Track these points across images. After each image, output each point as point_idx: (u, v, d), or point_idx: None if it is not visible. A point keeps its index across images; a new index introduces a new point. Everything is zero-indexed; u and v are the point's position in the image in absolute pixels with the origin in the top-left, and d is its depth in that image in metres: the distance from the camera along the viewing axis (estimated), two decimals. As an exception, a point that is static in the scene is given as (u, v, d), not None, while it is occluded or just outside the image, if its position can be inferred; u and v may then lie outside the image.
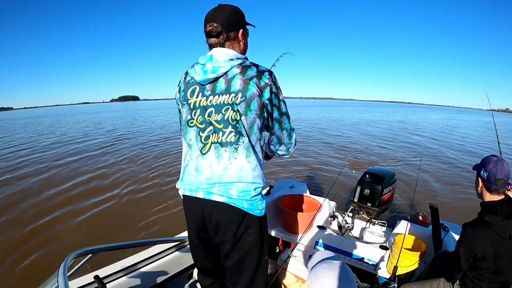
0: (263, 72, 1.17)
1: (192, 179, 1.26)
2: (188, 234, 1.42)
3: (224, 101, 1.16)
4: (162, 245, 2.03)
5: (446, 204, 5.22)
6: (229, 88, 1.15)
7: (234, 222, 1.22)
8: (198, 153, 1.24)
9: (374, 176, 2.72)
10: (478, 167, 1.53)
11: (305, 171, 7.20)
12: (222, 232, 1.24)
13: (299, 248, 2.13)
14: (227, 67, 1.15)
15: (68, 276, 1.11)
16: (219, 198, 1.20)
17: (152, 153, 9.53)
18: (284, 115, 1.25)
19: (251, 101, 1.14)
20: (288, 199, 2.64)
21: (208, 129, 1.21)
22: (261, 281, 1.37)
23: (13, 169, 8.06)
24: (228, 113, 1.16)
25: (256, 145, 1.23)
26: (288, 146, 1.32)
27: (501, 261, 1.43)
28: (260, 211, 1.27)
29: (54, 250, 3.77)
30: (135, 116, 31.84)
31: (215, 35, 1.18)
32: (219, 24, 1.17)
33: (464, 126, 23.91)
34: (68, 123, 24.87)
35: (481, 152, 10.59)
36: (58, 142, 12.65)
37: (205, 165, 1.23)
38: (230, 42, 1.21)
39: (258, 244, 1.30)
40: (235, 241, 1.25)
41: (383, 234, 2.56)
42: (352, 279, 1.02)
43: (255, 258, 1.31)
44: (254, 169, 1.22)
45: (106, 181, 6.62)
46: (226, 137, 1.18)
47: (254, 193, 1.23)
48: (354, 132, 15.78)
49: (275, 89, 1.19)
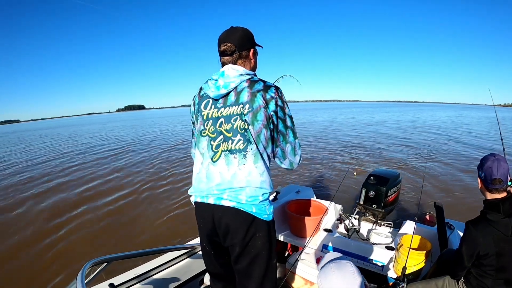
0: (270, 87, 1.28)
1: (203, 186, 1.34)
2: (200, 240, 1.47)
3: (234, 112, 1.26)
4: (173, 253, 2.07)
5: (453, 202, 5.19)
6: (238, 100, 1.25)
7: (243, 225, 1.28)
8: (209, 161, 1.33)
9: (378, 178, 2.75)
10: (477, 167, 1.56)
11: (311, 176, 7.21)
12: (232, 235, 1.30)
13: (307, 252, 2.16)
14: (236, 82, 1.26)
15: (86, 283, 1.16)
16: (229, 203, 1.27)
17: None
18: (289, 128, 1.32)
19: (257, 112, 1.23)
20: (294, 204, 2.68)
21: (219, 138, 1.30)
22: (269, 285, 1.41)
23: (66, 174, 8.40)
24: (237, 122, 1.25)
25: (264, 153, 1.30)
26: (291, 161, 1.38)
27: (504, 258, 1.44)
28: (268, 215, 1.33)
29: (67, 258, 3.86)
30: (151, 124, 32.01)
31: (229, 53, 1.30)
32: (233, 44, 1.29)
33: (474, 123, 23.63)
34: (88, 132, 25.36)
35: (493, 147, 10.48)
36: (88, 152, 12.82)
37: (215, 172, 1.30)
38: (242, 60, 1.33)
39: (267, 248, 1.35)
40: (244, 245, 1.30)
41: (390, 235, 2.58)
42: (359, 277, 1.05)
43: (263, 262, 1.35)
44: (261, 175, 1.29)
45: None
46: (235, 145, 1.27)
47: (262, 198, 1.29)
48: (360, 133, 15.75)
49: (281, 103, 1.28)
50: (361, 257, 2.23)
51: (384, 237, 2.56)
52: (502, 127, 2.71)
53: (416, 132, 16.46)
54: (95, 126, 38.27)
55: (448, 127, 19.86)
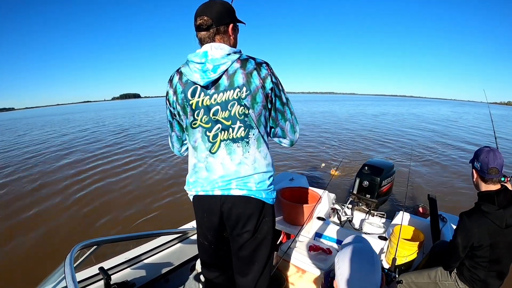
0: (261, 64, 1.18)
1: (204, 180, 1.27)
2: (198, 234, 1.42)
3: (229, 97, 1.16)
4: (165, 237, 2.06)
5: (446, 195, 5.24)
6: (233, 83, 1.15)
7: (256, 212, 1.25)
8: (207, 153, 1.24)
9: (372, 168, 2.75)
10: (472, 159, 1.56)
11: (305, 164, 7.23)
12: (243, 224, 1.26)
13: (299, 240, 2.16)
14: (227, 64, 1.14)
15: (74, 267, 1.13)
16: (239, 192, 1.22)
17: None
18: (286, 105, 1.27)
19: (256, 94, 1.16)
20: (288, 192, 2.67)
21: (216, 127, 1.20)
22: (268, 270, 1.41)
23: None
24: (235, 108, 1.16)
25: (265, 135, 1.26)
26: (291, 139, 1.34)
27: (498, 250, 1.45)
28: (273, 199, 1.33)
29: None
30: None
31: (205, 28, 1.16)
32: (210, 17, 1.15)
33: (471, 118, 23.90)
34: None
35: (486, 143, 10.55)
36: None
37: (217, 164, 1.23)
38: (221, 35, 1.19)
39: (271, 232, 1.35)
40: (254, 231, 1.28)
41: (382, 225, 2.59)
42: (377, 264, 1.03)
43: (268, 246, 1.35)
44: (265, 158, 1.26)
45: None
46: (236, 133, 1.19)
47: (268, 182, 1.28)
48: (356, 124, 15.80)
49: (275, 79, 1.21)
50: None
51: (377, 227, 2.57)
52: (495, 124, 2.74)
53: (415, 125, 16.61)
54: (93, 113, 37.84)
55: (447, 120, 20.06)
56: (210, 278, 1.53)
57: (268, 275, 1.42)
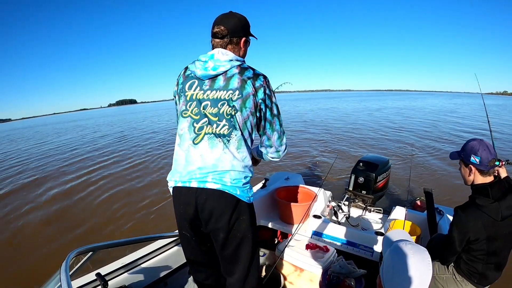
0: (259, 75, 1.29)
1: (182, 170, 1.31)
2: (178, 227, 1.43)
3: (221, 96, 1.25)
4: (162, 241, 2.05)
5: (442, 188, 5.25)
6: (227, 85, 1.24)
7: (228, 209, 1.27)
8: (189, 143, 1.30)
9: (367, 163, 2.76)
10: (465, 155, 1.53)
11: (300, 163, 7.21)
12: (216, 219, 1.28)
13: (296, 238, 2.16)
14: (227, 67, 1.25)
15: (70, 274, 1.12)
16: (214, 185, 1.25)
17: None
18: (276, 117, 1.35)
19: (246, 99, 1.24)
20: (283, 191, 2.68)
21: (203, 120, 1.27)
22: (254, 269, 1.42)
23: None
24: (224, 107, 1.25)
25: (248, 140, 1.32)
26: (278, 150, 1.42)
27: (495, 243, 1.45)
28: (249, 198, 1.35)
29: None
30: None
31: (220, 37, 1.29)
32: (226, 28, 1.28)
33: (467, 110, 24.00)
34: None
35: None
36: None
37: (196, 155, 1.28)
38: (232, 46, 1.32)
39: (251, 231, 1.36)
40: (229, 229, 1.29)
41: (379, 220, 2.60)
42: (431, 269, 1.02)
43: (249, 245, 1.36)
44: (243, 160, 1.30)
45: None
46: (220, 129, 1.26)
47: (244, 180, 1.31)
48: (348, 121, 15.79)
49: (269, 92, 1.30)
50: (351, 243, 2.24)
51: (374, 222, 2.58)
52: (492, 113, 2.76)
53: (406, 119, 16.65)
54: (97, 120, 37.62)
55: (444, 112, 20.21)
56: (199, 279, 1.54)
57: (256, 274, 1.44)
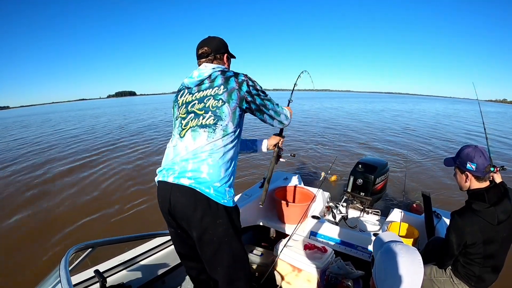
0: (239, 73, 1.41)
1: (168, 162, 1.37)
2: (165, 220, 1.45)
3: (207, 93, 1.36)
4: (160, 238, 2.05)
5: (440, 191, 5.27)
6: (213, 84, 1.37)
7: (199, 209, 1.26)
8: (177, 137, 1.39)
9: (366, 166, 2.77)
10: (460, 162, 1.53)
11: (298, 163, 7.20)
12: (187, 218, 1.29)
13: (294, 239, 2.17)
14: (210, 72, 1.40)
15: (70, 270, 1.12)
16: (187, 181, 1.26)
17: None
18: (265, 99, 1.43)
19: (232, 92, 1.33)
20: (282, 191, 2.68)
21: (189, 116, 1.38)
22: (240, 273, 1.40)
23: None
24: (210, 101, 1.34)
25: (237, 132, 1.39)
26: (280, 119, 1.53)
27: (492, 246, 1.46)
28: (227, 200, 1.31)
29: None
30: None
31: (205, 56, 1.46)
32: (210, 47, 1.46)
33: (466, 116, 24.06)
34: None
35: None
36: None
37: (182, 147, 1.35)
38: (217, 61, 1.48)
39: (230, 235, 1.32)
40: (202, 230, 1.28)
41: (377, 222, 2.61)
42: (423, 269, 1.01)
43: (228, 250, 1.33)
44: (227, 151, 1.33)
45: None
46: (206, 120, 1.33)
47: (223, 175, 1.30)
48: (349, 122, 15.80)
49: (251, 83, 1.39)
50: (348, 244, 2.25)
51: (372, 224, 2.59)
52: (491, 120, 2.78)
53: (409, 122, 16.70)
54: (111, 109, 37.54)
55: (442, 116, 20.23)
56: (192, 275, 1.58)
57: (243, 280, 1.41)
